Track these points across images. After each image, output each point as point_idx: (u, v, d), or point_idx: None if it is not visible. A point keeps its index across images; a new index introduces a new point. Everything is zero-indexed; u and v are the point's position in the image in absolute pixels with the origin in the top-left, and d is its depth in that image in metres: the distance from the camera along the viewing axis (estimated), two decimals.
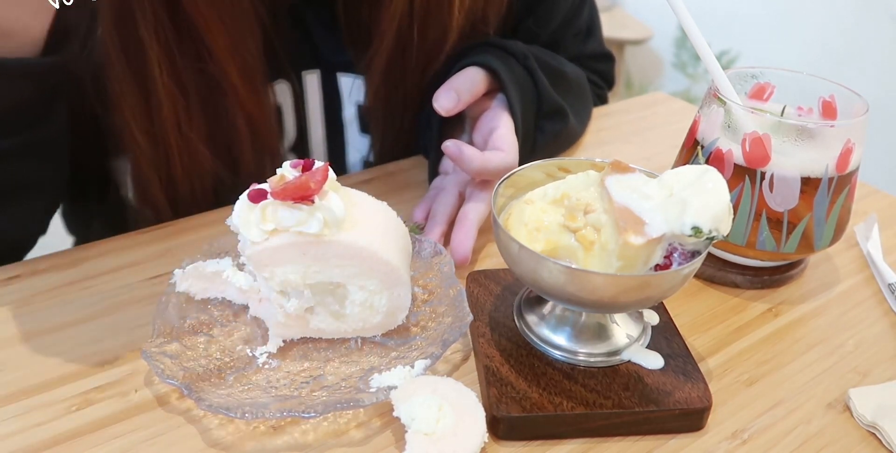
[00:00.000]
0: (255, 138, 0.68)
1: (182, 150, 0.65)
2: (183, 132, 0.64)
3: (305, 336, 0.51)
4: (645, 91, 2.75)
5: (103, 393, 0.47)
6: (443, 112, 0.61)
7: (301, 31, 0.69)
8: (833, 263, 0.63)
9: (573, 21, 0.80)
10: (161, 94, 0.61)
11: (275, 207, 0.44)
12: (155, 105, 0.62)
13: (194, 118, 0.64)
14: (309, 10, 0.69)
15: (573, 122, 0.74)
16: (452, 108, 0.61)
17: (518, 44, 0.70)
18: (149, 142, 0.64)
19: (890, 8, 2.02)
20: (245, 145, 0.68)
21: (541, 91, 0.69)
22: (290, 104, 0.72)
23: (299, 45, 0.70)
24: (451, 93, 0.62)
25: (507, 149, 0.60)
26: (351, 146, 0.77)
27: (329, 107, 0.74)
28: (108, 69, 0.60)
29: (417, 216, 0.63)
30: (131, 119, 0.62)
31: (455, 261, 0.57)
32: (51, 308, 0.55)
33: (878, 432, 0.46)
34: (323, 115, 0.74)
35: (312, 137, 0.75)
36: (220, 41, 0.61)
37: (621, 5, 2.91)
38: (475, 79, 0.64)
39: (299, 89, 0.72)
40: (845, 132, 0.52)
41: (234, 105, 0.65)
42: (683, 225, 0.42)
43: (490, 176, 0.60)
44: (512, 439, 0.45)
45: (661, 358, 0.48)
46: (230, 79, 0.63)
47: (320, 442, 0.44)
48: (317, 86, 0.72)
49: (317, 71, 0.72)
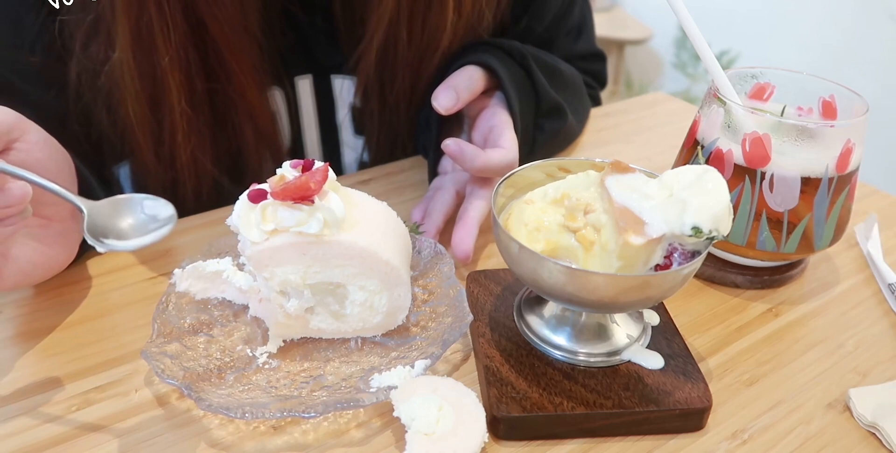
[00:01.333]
0: (260, 145, 0.68)
1: (191, 171, 0.65)
2: (195, 154, 0.64)
3: (305, 336, 0.51)
4: (645, 91, 2.75)
5: (103, 393, 0.47)
6: (442, 110, 0.61)
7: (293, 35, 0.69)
8: (833, 263, 0.63)
9: (565, 19, 0.80)
10: (176, 119, 0.61)
11: (275, 207, 0.44)
12: (168, 129, 0.62)
13: (205, 139, 0.64)
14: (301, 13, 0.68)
15: (572, 120, 0.74)
16: (452, 107, 0.61)
17: (515, 43, 0.70)
18: (158, 163, 0.64)
19: (889, 8, 2.02)
20: (252, 155, 0.68)
21: (539, 90, 0.69)
22: (283, 110, 0.72)
23: (292, 49, 0.69)
24: (450, 91, 0.62)
25: (507, 146, 0.60)
26: (346, 146, 0.78)
27: (322, 110, 0.74)
28: (122, 93, 0.59)
29: (416, 216, 0.63)
30: (143, 141, 0.62)
31: (457, 259, 0.57)
32: (51, 308, 0.55)
33: (878, 432, 0.46)
34: (317, 119, 0.74)
35: (307, 141, 0.75)
36: (237, 57, 0.61)
37: (621, 5, 2.91)
38: (473, 77, 0.64)
39: (292, 95, 0.72)
40: (845, 132, 0.52)
41: (244, 117, 0.65)
42: (683, 225, 0.42)
43: (491, 173, 0.60)
44: (512, 439, 0.45)
45: (661, 359, 0.48)
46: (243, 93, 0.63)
47: (320, 442, 0.44)
48: (309, 90, 0.73)
49: (309, 75, 0.72)
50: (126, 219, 0.43)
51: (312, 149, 0.76)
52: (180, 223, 0.65)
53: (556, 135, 0.73)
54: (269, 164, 0.70)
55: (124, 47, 0.57)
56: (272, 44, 0.66)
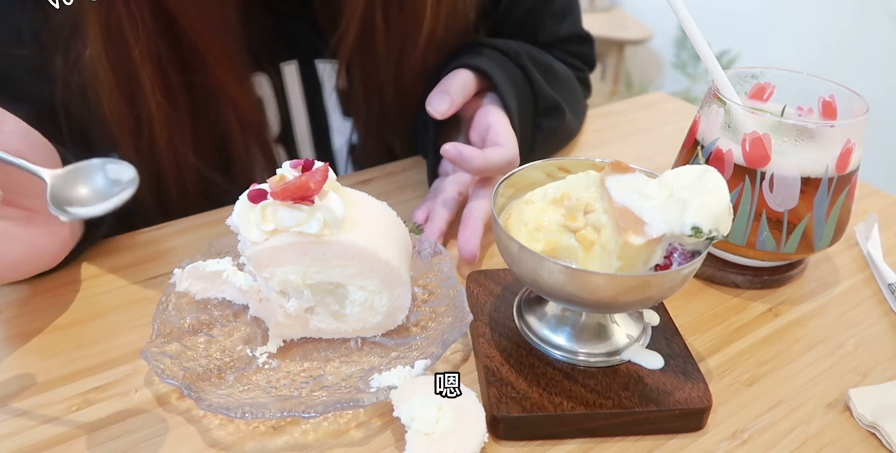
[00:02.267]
0: (245, 133, 0.68)
1: (172, 163, 0.65)
2: (175, 146, 0.64)
3: (305, 336, 0.51)
4: (645, 91, 2.75)
5: (103, 393, 0.47)
6: (437, 115, 0.61)
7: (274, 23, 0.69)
8: (833, 263, 0.63)
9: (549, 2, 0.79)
10: (153, 112, 0.61)
11: (275, 207, 0.44)
12: (146, 121, 0.62)
13: (185, 131, 0.64)
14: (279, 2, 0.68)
15: (570, 118, 0.74)
16: (447, 110, 0.61)
17: (510, 42, 0.70)
18: (140, 159, 0.63)
19: (889, 8, 2.02)
20: (236, 142, 0.68)
21: (536, 89, 0.69)
22: (270, 96, 0.72)
23: (274, 37, 0.69)
24: (444, 95, 0.62)
25: (505, 144, 0.60)
26: (335, 131, 0.78)
27: (310, 95, 0.74)
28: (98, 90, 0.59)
29: (418, 217, 0.63)
30: (121, 135, 0.62)
31: (464, 259, 0.57)
32: (51, 308, 0.55)
33: (878, 432, 0.46)
34: (305, 104, 0.74)
35: (297, 127, 0.75)
36: (212, 49, 0.61)
37: (621, 5, 2.91)
38: (465, 80, 0.64)
39: (278, 81, 0.72)
40: (845, 132, 0.52)
41: (225, 106, 0.65)
42: (683, 225, 0.42)
43: (492, 172, 0.60)
44: (512, 439, 0.45)
45: (661, 359, 0.48)
46: (221, 83, 0.63)
47: (320, 442, 0.44)
48: (296, 76, 0.72)
49: (294, 61, 0.72)
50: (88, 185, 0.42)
51: (302, 134, 0.76)
52: (180, 223, 0.66)
53: (555, 134, 0.73)
54: (257, 154, 0.70)
55: (95, 43, 0.57)
56: (252, 32, 0.66)
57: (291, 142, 0.76)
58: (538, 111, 0.70)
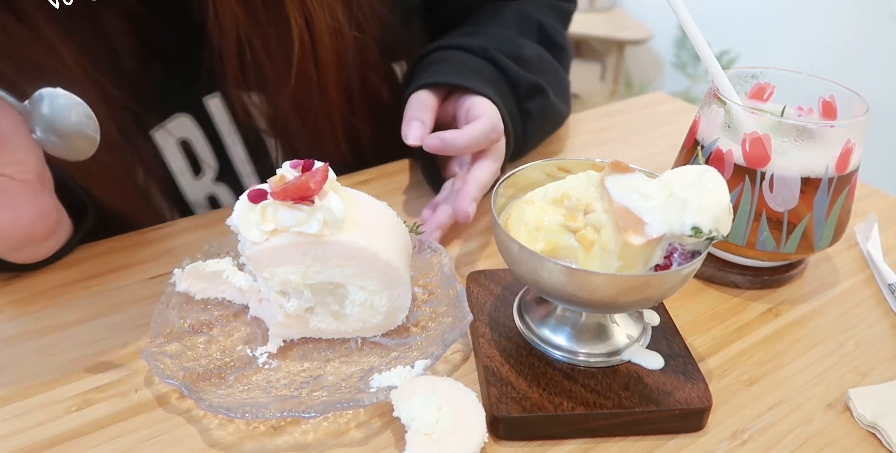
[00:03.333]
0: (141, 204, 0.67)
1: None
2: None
3: (305, 336, 0.51)
4: (645, 91, 2.75)
5: (103, 393, 0.47)
6: (418, 142, 0.61)
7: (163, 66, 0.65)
8: (833, 263, 0.63)
9: None
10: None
11: (275, 207, 0.44)
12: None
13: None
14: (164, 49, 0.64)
15: (554, 99, 0.74)
16: (422, 134, 0.61)
17: (475, 39, 0.70)
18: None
19: (890, 8, 2.02)
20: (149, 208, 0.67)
21: (512, 76, 0.69)
22: (199, 134, 0.69)
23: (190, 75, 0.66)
24: (413, 122, 0.62)
25: (484, 114, 0.61)
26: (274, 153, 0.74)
27: (242, 122, 0.70)
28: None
29: (425, 214, 0.63)
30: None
31: (458, 219, 0.59)
32: (51, 308, 0.55)
33: (878, 432, 0.46)
34: (238, 134, 0.71)
35: (235, 158, 0.72)
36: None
37: (621, 5, 2.91)
38: (425, 100, 0.65)
39: (204, 116, 0.68)
40: (845, 132, 0.52)
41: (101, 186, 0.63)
42: (683, 225, 0.42)
43: (482, 145, 0.60)
44: (512, 439, 0.45)
45: (661, 359, 0.48)
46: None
47: (320, 442, 0.44)
48: (221, 107, 0.69)
49: (217, 93, 0.68)
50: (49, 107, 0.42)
51: (242, 164, 0.72)
52: (180, 223, 0.66)
53: (544, 117, 0.73)
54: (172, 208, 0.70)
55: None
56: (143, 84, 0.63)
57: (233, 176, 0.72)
58: (520, 96, 0.70)
